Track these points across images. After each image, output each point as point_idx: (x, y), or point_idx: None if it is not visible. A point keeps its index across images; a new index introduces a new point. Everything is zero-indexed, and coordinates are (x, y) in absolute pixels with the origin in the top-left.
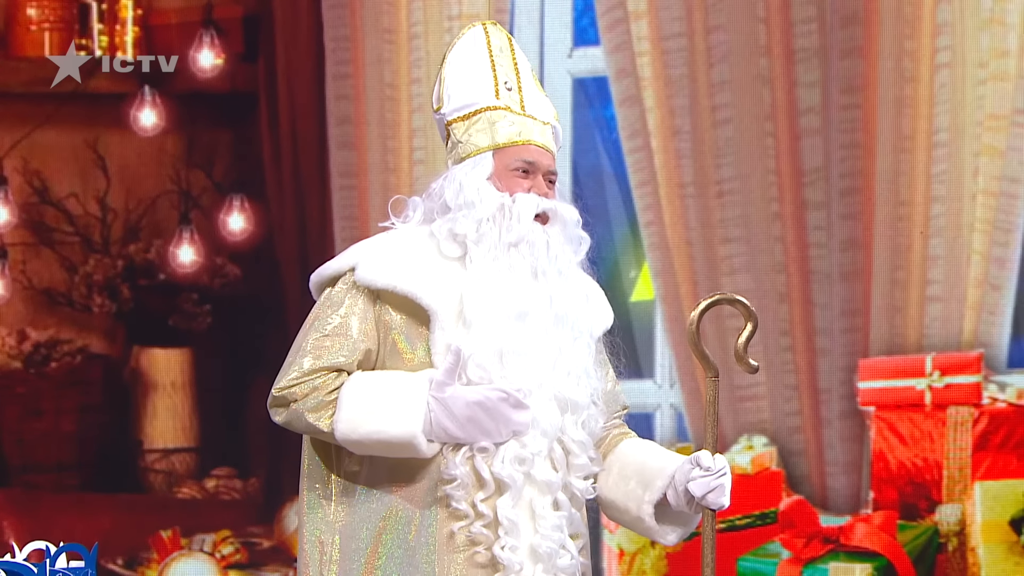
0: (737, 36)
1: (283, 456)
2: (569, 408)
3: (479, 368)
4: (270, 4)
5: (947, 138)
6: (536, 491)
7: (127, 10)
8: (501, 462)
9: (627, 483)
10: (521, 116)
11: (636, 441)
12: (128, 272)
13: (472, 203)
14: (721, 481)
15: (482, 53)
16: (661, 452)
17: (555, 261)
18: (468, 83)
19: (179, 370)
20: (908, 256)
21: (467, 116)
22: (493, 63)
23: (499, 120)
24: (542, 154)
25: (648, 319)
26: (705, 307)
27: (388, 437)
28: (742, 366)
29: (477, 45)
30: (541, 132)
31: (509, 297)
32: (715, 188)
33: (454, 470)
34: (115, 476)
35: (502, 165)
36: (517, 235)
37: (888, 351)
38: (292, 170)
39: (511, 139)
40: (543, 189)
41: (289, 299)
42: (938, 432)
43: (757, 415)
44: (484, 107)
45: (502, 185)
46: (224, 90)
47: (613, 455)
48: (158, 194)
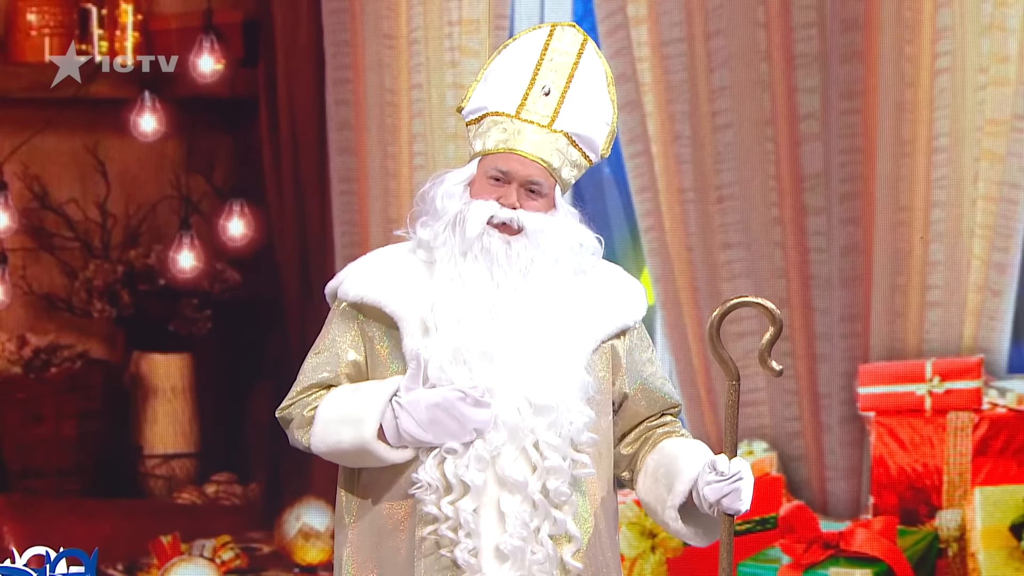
0: (737, 41)
1: (283, 461)
2: (535, 410)
3: (438, 370)
4: (270, 9)
5: (947, 143)
6: (505, 491)
7: (127, 15)
8: (465, 465)
9: (657, 486)
10: (521, 123)
11: (676, 441)
12: (128, 277)
13: (436, 209)
14: (736, 486)
15: (531, 56)
16: (692, 453)
17: (515, 266)
18: (494, 85)
19: (179, 375)
20: (908, 261)
21: (477, 120)
22: (539, 67)
23: (498, 125)
24: (521, 163)
25: (648, 325)
26: (726, 310)
27: (344, 448)
28: (765, 370)
29: (531, 47)
30: (534, 140)
31: (469, 301)
32: (715, 193)
33: (424, 475)
34: (115, 481)
35: (482, 172)
36: (467, 243)
37: (888, 356)
38: (292, 175)
39: (496, 146)
40: (510, 199)
41: (289, 304)
42: (938, 437)
43: (757, 420)
44: (490, 111)
45: (475, 191)
46: (224, 95)
47: (651, 456)
48: (158, 199)
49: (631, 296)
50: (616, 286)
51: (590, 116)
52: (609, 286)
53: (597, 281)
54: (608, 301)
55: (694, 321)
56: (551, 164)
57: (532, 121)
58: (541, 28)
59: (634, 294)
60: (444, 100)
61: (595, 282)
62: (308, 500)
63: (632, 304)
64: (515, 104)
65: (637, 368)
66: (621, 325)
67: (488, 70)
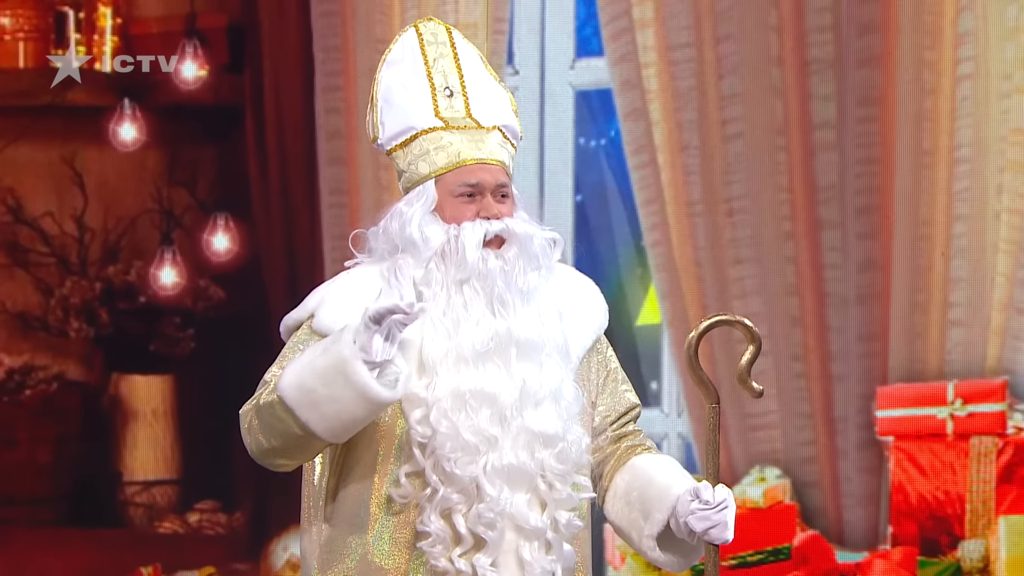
0: (748, 46)
1: (270, 489)
2: (541, 442)
3: (441, 416)
4: (256, 13)
5: (970, 153)
6: (522, 539)
7: (106, 19)
8: (475, 519)
9: (630, 510)
10: (458, 132)
11: (646, 458)
12: (107, 295)
13: (415, 242)
14: (723, 516)
15: (415, 61)
16: (667, 475)
17: (514, 287)
18: (402, 103)
19: (160, 398)
20: (928, 278)
21: (405, 143)
22: (429, 70)
23: (436, 143)
24: (485, 170)
25: (654, 344)
26: (704, 329)
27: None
28: (746, 390)
29: (409, 53)
30: (481, 144)
31: (465, 339)
32: (725, 206)
33: (429, 526)
34: (93, 510)
35: (445, 193)
36: (466, 271)
37: (907, 378)
38: (280, 187)
39: (449, 163)
40: (492, 210)
41: (276, 323)
42: (960, 463)
43: (769, 445)
44: (420, 131)
45: (447, 215)
46: (208, 103)
47: (620, 474)
48: (138, 213)
49: (596, 305)
50: (581, 294)
51: (497, 104)
52: (575, 294)
53: (563, 287)
54: (580, 313)
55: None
56: (504, 162)
57: (463, 127)
58: (406, 33)
59: (597, 302)
60: None
61: (562, 288)
62: (296, 529)
63: (600, 310)
64: (432, 115)
65: (607, 377)
66: (593, 339)
67: (381, 91)
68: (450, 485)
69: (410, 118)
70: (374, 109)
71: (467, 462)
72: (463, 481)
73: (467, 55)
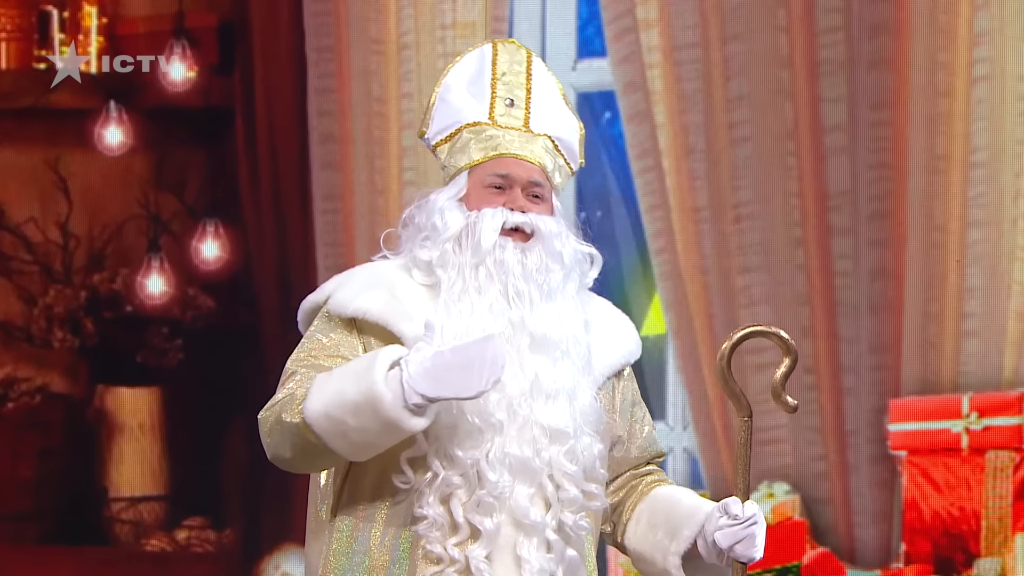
0: (756, 47)
1: (262, 505)
2: (551, 437)
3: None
4: (247, 12)
5: (985, 158)
6: (521, 534)
7: (91, 18)
8: (475, 505)
9: (655, 533)
10: (503, 130)
11: (669, 488)
12: (92, 304)
13: (436, 227)
14: (751, 531)
15: (483, 71)
16: (693, 498)
17: (532, 281)
18: (457, 101)
19: (147, 411)
20: (943, 287)
21: (450, 137)
22: (495, 80)
23: (479, 135)
24: (520, 165)
25: (659, 355)
26: (738, 340)
27: (351, 396)
28: (780, 405)
29: (480, 62)
30: (526, 144)
31: (479, 323)
32: (732, 212)
33: (427, 510)
34: (77, 527)
35: (476, 183)
36: (481, 255)
37: (921, 390)
38: (271, 192)
39: (486, 154)
40: (519, 203)
41: (268, 333)
42: (976, 479)
43: (778, 460)
44: (466, 123)
45: (472, 203)
46: (197, 105)
47: (643, 504)
48: (125, 219)
49: (629, 334)
50: (614, 322)
51: (561, 122)
52: (607, 321)
53: (596, 313)
54: (610, 336)
55: (709, 351)
56: (546, 166)
57: (512, 127)
58: (483, 46)
59: (630, 332)
60: None
61: (594, 314)
62: (288, 547)
63: (631, 342)
64: (486, 114)
65: (630, 411)
66: (622, 363)
67: (440, 92)
68: (451, 468)
69: (459, 114)
70: (429, 106)
71: (470, 446)
72: (465, 464)
73: (541, 79)
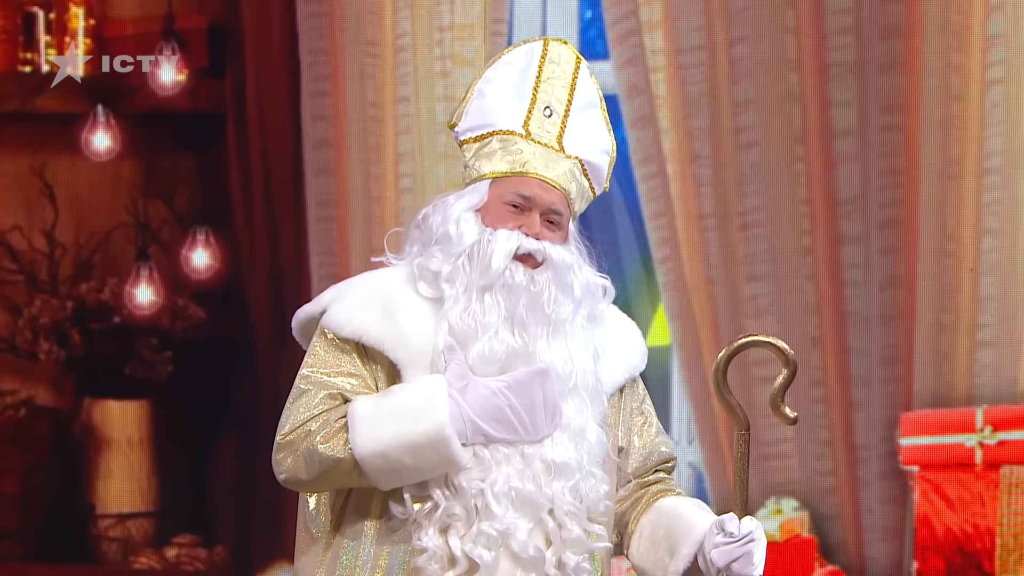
0: (763, 49)
1: (253, 522)
2: (555, 472)
3: None
4: (239, 13)
5: (1000, 163)
6: (520, 569)
7: (78, 20)
8: (473, 539)
9: (656, 550)
10: (537, 145)
11: (673, 500)
12: (79, 315)
13: (450, 236)
14: (747, 549)
15: (529, 70)
16: (692, 512)
17: (539, 311)
18: (494, 100)
19: (136, 425)
20: (956, 297)
21: (479, 138)
22: (538, 83)
23: (508, 146)
24: (546, 189)
25: (663, 367)
26: (734, 351)
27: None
28: (779, 417)
29: (526, 61)
30: (553, 165)
31: (483, 349)
32: (738, 220)
33: (426, 542)
34: (64, 544)
35: (496, 196)
36: (490, 277)
37: (933, 403)
38: (263, 199)
39: (512, 168)
40: (535, 228)
41: (260, 344)
42: (990, 495)
43: (786, 475)
44: (498, 130)
45: (490, 218)
46: (187, 109)
47: (646, 516)
48: (112, 227)
49: (633, 346)
50: (620, 332)
51: (594, 142)
52: (614, 331)
53: (605, 332)
54: (616, 349)
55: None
56: (569, 193)
57: (544, 143)
58: (534, 42)
59: (635, 344)
60: (434, 115)
61: (604, 334)
62: (280, 565)
63: (635, 355)
64: (520, 123)
65: (630, 420)
66: (625, 379)
67: (481, 84)
68: (454, 499)
69: (495, 116)
70: (466, 98)
71: (475, 476)
72: (468, 495)
73: (585, 90)
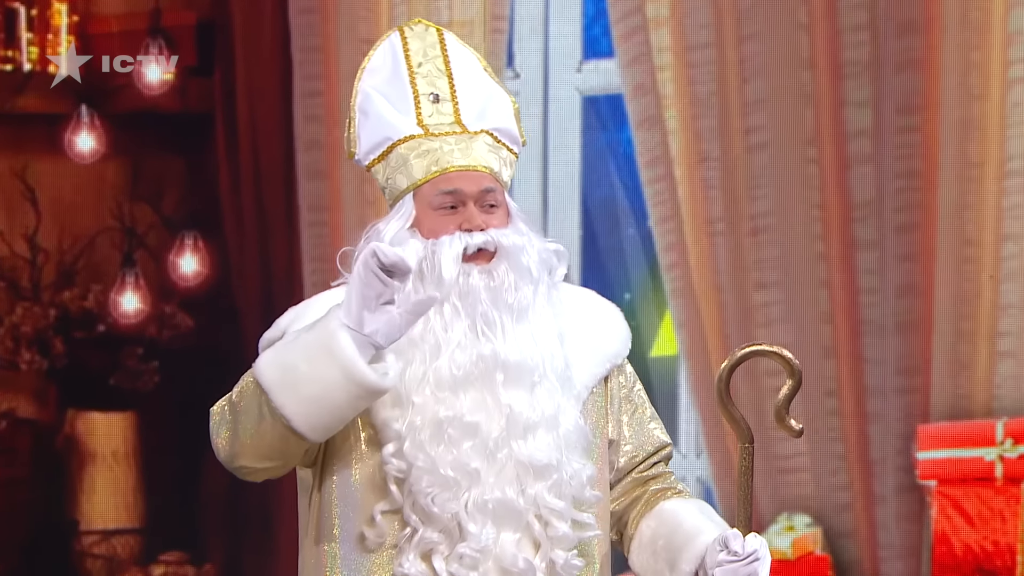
0: (775, 47)
1: (243, 538)
2: (534, 474)
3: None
4: (228, 9)
5: (1021, 166)
6: None
7: (61, 16)
8: (458, 560)
9: (656, 560)
10: (441, 138)
11: (675, 503)
12: (62, 323)
13: None
14: (752, 569)
15: (397, 67)
16: (696, 522)
17: (503, 304)
18: (380, 112)
19: (121, 438)
20: (975, 304)
21: (382, 156)
22: (412, 75)
23: (414, 151)
24: (469, 176)
25: (670, 378)
26: (736, 361)
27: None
28: (783, 429)
29: (391, 58)
30: (466, 150)
31: (444, 363)
32: (749, 224)
33: (408, 567)
34: (46, 562)
35: (424, 205)
36: (444, 287)
37: (952, 415)
38: (254, 203)
39: (428, 171)
40: (475, 221)
41: (250, 354)
42: (1011, 510)
43: (799, 490)
44: (397, 140)
45: (427, 229)
46: (174, 109)
47: (646, 520)
48: (97, 231)
49: (615, 327)
50: (598, 317)
51: (492, 106)
52: (586, 320)
53: (573, 308)
54: (589, 340)
55: None
56: (492, 168)
57: (447, 132)
58: (389, 36)
59: (614, 329)
60: None
61: (572, 310)
62: None
63: (615, 341)
64: (414, 122)
65: (624, 407)
66: (606, 369)
67: (360, 102)
68: (430, 524)
69: (388, 128)
70: (351, 123)
71: (447, 499)
72: (443, 520)
73: (460, 58)
